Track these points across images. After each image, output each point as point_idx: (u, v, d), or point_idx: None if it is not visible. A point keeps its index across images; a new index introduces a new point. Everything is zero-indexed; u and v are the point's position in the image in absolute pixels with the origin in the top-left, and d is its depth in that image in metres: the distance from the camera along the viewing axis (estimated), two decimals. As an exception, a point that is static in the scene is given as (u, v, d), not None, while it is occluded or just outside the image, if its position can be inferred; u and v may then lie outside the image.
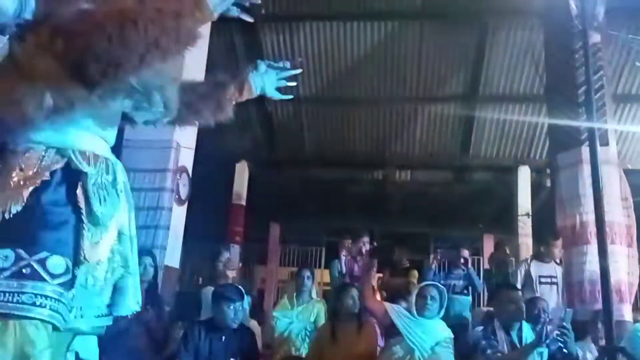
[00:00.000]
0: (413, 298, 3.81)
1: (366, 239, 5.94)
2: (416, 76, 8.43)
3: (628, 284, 4.62)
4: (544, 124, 7.64)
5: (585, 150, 4.62)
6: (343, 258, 6.00)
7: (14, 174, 1.42)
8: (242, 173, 9.74)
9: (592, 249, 4.39)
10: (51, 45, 1.37)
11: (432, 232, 11.98)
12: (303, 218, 11.45)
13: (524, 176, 9.17)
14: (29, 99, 1.38)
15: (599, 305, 3.87)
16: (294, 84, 2.01)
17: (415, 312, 3.75)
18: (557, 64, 5.41)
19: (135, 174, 5.16)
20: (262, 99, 2.04)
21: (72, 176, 1.49)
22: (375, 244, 6.51)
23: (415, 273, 6.44)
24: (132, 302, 1.64)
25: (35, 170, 1.44)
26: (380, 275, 6.56)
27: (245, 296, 4.02)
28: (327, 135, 9.48)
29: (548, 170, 7.17)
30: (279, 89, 2.00)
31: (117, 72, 1.40)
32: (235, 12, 1.57)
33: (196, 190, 5.70)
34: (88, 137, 1.56)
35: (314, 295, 4.94)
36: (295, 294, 4.80)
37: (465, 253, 5.99)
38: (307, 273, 4.87)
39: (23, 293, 1.34)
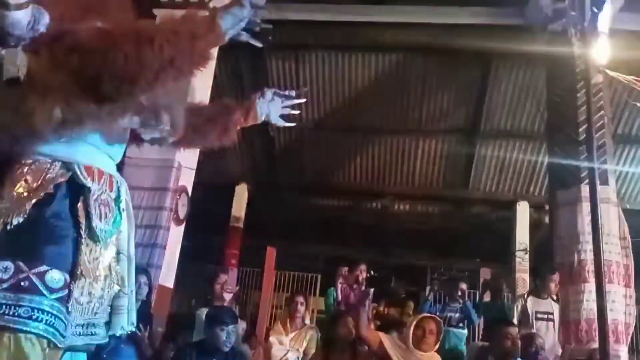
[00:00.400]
0: (410, 329, 3.78)
1: (363, 267, 5.91)
2: (419, 109, 8.51)
3: (625, 325, 4.58)
4: (543, 160, 7.68)
5: (584, 189, 4.65)
6: (339, 286, 5.96)
7: (18, 186, 1.43)
8: (241, 195, 9.74)
9: (590, 287, 4.37)
10: (66, 61, 1.39)
11: (430, 264, 11.91)
12: (300, 244, 11.41)
13: (523, 212, 9.18)
14: (39, 112, 1.39)
15: (595, 345, 3.83)
16: (297, 112, 2.05)
17: (411, 343, 3.71)
18: (558, 102, 5.48)
19: (134, 192, 5.18)
20: (265, 123, 2.06)
21: (75, 190, 1.50)
22: (372, 273, 6.49)
23: (411, 304, 6.41)
24: (126, 323, 1.63)
25: (39, 182, 1.45)
26: (376, 304, 6.51)
27: (238, 320, 3.99)
28: (328, 162, 9.52)
29: (547, 207, 7.17)
30: (283, 116, 2.04)
31: (131, 90, 1.43)
32: (245, 37, 1.61)
33: (195, 210, 5.70)
34: (94, 153, 1.57)
35: (307, 321, 4.91)
36: (288, 320, 4.77)
37: (463, 286, 5.96)
38: (300, 299, 4.85)
39: (20, 306, 1.33)
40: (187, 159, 5.47)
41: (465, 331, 5.83)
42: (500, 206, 9.58)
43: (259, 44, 1.70)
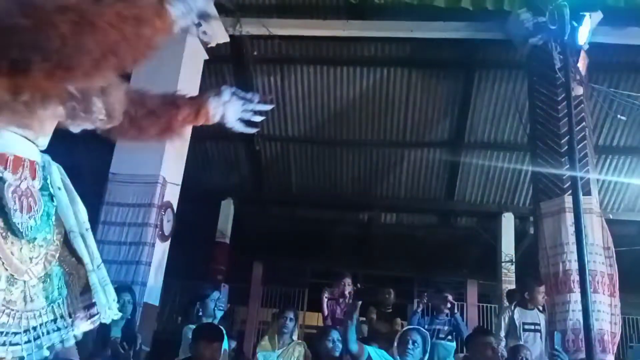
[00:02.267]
0: (395, 342, 3.77)
1: (348, 280, 5.88)
2: (403, 121, 8.57)
3: (610, 334, 4.61)
4: (527, 171, 7.76)
5: (568, 199, 4.70)
6: (325, 300, 5.93)
7: None
8: (227, 210, 9.68)
9: (575, 297, 4.40)
10: None
11: (416, 276, 11.92)
12: (287, 258, 11.36)
13: (508, 223, 9.24)
14: None
15: (581, 355, 3.85)
16: (260, 118, 1.84)
17: (397, 356, 3.70)
18: (540, 114, 5.55)
19: (119, 208, 5.13)
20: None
21: None
22: (358, 286, 6.46)
23: (399, 320, 6.38)
24: (105, 301, 1.51)
25: None
26: (363, 318, 6.48)
27: (225, 336, 3.94)
28: (313, 176, 9.52)
29: (531, 218, 7.23)
30: (243, 121, 1.82)
31: (65, 77, 1.22)
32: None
33: (180, 226, 5.65)
34: (8, 138, 1.35)
35: (294, 337, 4.86)
36: (276, 335, 4.71)
37: (450, 298, 5.95)
38: (290, 314, 4.80)
39: None
40: (172, 175, 5.44)
41: (454, 344, 5.80)
42: (486, 217, 9.65)
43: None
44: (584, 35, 4.99)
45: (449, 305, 5.84)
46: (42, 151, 1.47)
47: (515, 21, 5.87)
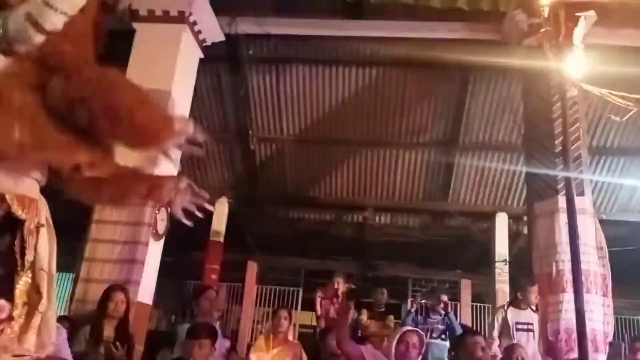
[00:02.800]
0: (393, 343, 3.77)
1: (340, 279, 5.89)
2: (398, 122, 8.58)
3: (603, 334, 4.63)
4: (522, 172, 7.78)
5: (561, 200, 4.71)
6: (318, 300, 5.93)
7: None
8: (221, 210, 9.66)
9: (568, 297, 4.42)
10: (45, 79, 1.33)
11: (411, 276, 11.94)
12: (281, 258, 11.35)
13: (502, 223, 9.26)
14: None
15: (574, 355, 3.86)
16: (199, 215, 1.84)
17: (393, 357, 3.70)
18: (535, 115, 5.58)
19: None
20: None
21: (10, 224, 1.44)
22: (352, 286, 6.47)
23: (392, 318, 6.39)
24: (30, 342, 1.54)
25: None
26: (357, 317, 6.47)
27: (217, 335, 3.94)
28: (308, 176, 9.51)
29: (525, 218, 7.26)
30: (186, 212, 1.81)
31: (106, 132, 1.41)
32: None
33: (174, 225, 5.63)
34: (24, 180, 1.49)
35: (290, 337, 4.85)
36: (271, 335, 4.70)
37: (445, 297, 5.97)
38: (284, 314, 4.79)
39: None
40: (166, 173, 5.41)
41: (447, 343, 5.83)
42: (480, 217, 9.67)
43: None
44: (579, 36, 5.01)
45: (442, 304, 5.86)
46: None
47: (510, 22, 5.90)
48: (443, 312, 5.84)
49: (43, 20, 1.38)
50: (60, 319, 3.86)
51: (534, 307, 5.15)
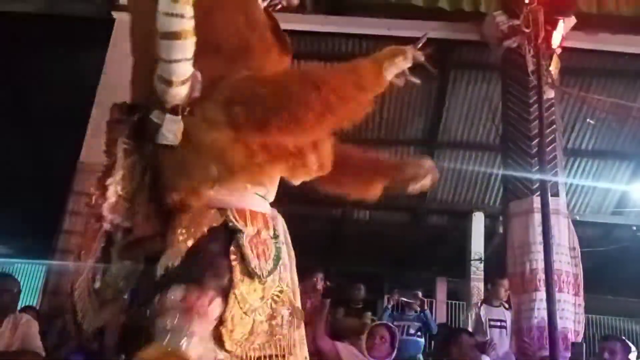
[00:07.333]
0: (364, 337, 3.79)
1: (320, 275, 5.87)
2: (378, 119, 8.59)
3: (574, 332, 4.72)
4: (498, 172, 7.87)
5: (536, 200, 4.78)
6: (295, 295, 5.91)
7: (178, 232, 1.52)
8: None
9: (541, 295, 4.49)
10: (227, 114, 1.46)
11: (387, 272, 12.00)
12: (258, 253, 11.29)
13: (478, 222, 9.36)
14: (197, 172, 1.49)
15: (546, 352, 3.93)
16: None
17: (365, 352, 3.72)
18: (512, 116, 5.64)
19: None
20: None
21: (230, 233, 1.58)
22: (328, 283, 6.46)
23: (369, 314, 6.41)
24: None
25: (196, 227, 1.53)
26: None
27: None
28: (287, 170, 9.47)
29: (501, 217, 7.35)
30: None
31: (293, 131, 1.51)
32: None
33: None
34: (246, 196, 1.66)
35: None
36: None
37: (420, 294, 6.02)
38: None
39: None
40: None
41: (422, 340, 5.88)
42: (457, 216, 9.76)
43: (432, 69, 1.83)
44: (557, 39, 5.09)
45: (418, 302, 5.91)
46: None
47: (490, 23, 5.95)
48: (419, 309, 5.88)
49: (168, 75, 1.48)
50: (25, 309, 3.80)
51: (506, 305, 5.23)
